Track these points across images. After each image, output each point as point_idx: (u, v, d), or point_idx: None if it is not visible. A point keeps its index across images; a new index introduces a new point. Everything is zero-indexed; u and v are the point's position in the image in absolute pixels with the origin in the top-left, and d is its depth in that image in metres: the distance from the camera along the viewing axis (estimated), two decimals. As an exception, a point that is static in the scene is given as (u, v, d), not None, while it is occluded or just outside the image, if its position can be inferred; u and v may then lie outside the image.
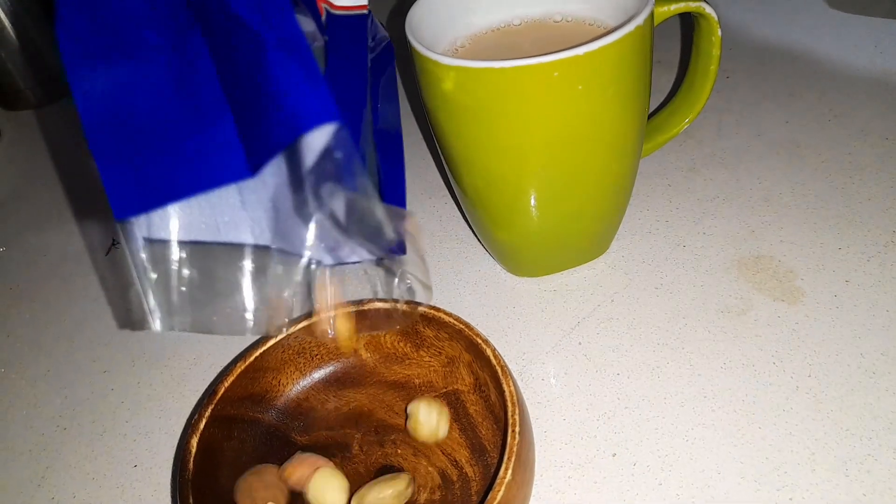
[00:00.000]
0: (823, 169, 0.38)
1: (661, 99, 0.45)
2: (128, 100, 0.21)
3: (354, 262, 0.25)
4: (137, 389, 0.34)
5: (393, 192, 0.33)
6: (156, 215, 0.23)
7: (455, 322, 0.28)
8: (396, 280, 0.26)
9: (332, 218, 0.22)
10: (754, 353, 0.30)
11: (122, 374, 0.35)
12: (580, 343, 0.32)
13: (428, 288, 0.26)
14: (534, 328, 0.33)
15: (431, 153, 0.45)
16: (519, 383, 0.31)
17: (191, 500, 0.24)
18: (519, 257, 0.35)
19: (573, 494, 0.27)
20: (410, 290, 0.26)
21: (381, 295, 0.28)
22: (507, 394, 0.25)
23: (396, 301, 0.28)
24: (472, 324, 0.30)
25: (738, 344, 0.31)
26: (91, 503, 0.30)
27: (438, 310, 0.29)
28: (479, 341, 0.27)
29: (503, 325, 0.34)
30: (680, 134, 0.36)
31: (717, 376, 0.30)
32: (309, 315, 0.29)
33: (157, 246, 0.23)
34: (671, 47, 0.50)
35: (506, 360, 0.27)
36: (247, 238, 0.24)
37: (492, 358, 0.27)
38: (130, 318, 0.36)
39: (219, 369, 0.34)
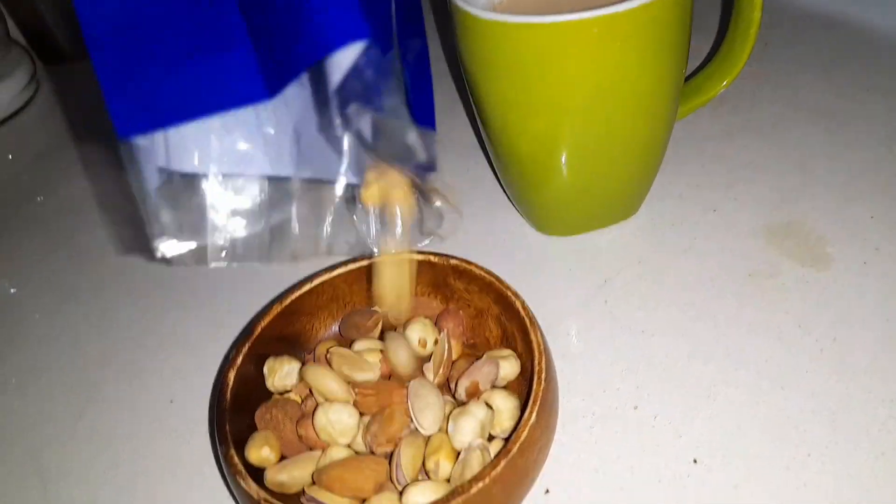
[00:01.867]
0: (859, 140, 0.38)
1: (699, 63, 0.45)
2: (135, 8, 0.19)
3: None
4: (174, 331, 0.35)
5: (422, 113, 0.32)
6: (165, 143, 0.21)
7: (486, 275, 0.29)
8: (424, 202, 0.25)
9: (360, 138, 0.21)
10: (780, 316, 0.31)
11: (161, 317, 0.37)
12: (606, 301, 0.33)
13: (457, 211, 0.25)
14: (561, 286, 0.34)
15: (465, 109, 0.46)
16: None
17: (227, 428, 0.25)
18: (549, 216, 0.35)
19: (594, 443, 0.28)
20: (439, 212, 0.25)
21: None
22: (534, 344, 0.26)
23: (428, 252, 0.29)
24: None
25: (765, 307, 0.31)
26: (129, 434, 0.31)
27: (469, 263, 0.29)
28: (509, 294, 0.28)
29: (530, 282, 0.34)
30: (715, 99, 0.36)
31: (742, 338, 0.30)
32: (346, 262, 0.30)
33: (168, 177, 0.21)
34: (711, 13, 0.49)
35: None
36: (266, 170, 0.23)
37: (521, 310, 0.27)
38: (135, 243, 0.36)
39: (248, 316, 0.35)
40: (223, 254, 0.23)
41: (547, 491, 0.26)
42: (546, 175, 0.32)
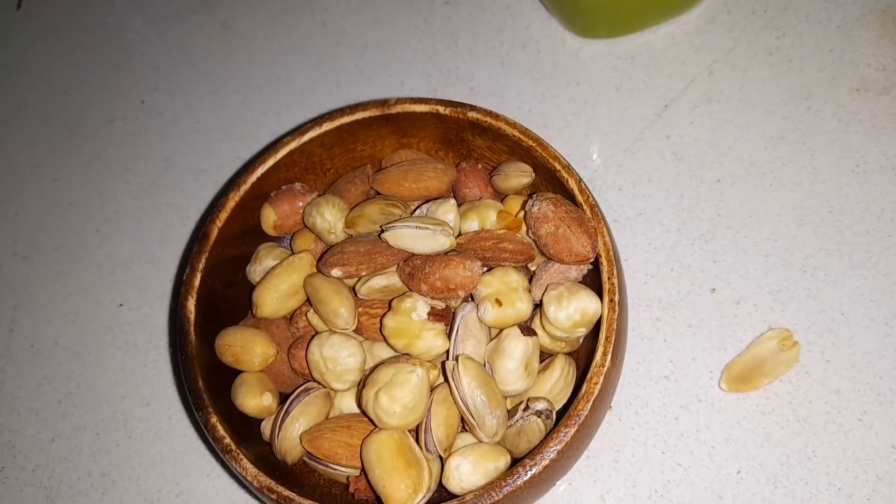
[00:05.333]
0: None
1: None
2: None
3: None
4: (101, 204, 0.27)
5: None
6: None
7: (521, 137, 0.20)
8: None
9: None
10: (897, 150, 0.24)
11: (78, 183, 0.28)
12: (668, 136, 0.25)
13: None
14: (607, 114, 0.26)
15: None
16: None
17: (200, 386, 0.20)
18: (588, 6, 0.25)
19: (662, 341, 0.22)
20: None
21: None
22: (601, 249, 0.19)
23: (435, 101, 0.20)
24: (525, 109, 0.22)
25: (878, 136, 0.24)
26: (77, 350, 0.25)
27: (498, 117, 0.21)
28: (559, 167, 0.20)
29: (564, 109, 0.26)
30: None
31: (847, 183, 0.23)
32: (318, 120, 0.21)
33: None
34: None
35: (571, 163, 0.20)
36: None
37: (576, 192, 0.20)
38: None
39: (193, 173, 0.27)
40: None
41: (610, 408, 0.22)
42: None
